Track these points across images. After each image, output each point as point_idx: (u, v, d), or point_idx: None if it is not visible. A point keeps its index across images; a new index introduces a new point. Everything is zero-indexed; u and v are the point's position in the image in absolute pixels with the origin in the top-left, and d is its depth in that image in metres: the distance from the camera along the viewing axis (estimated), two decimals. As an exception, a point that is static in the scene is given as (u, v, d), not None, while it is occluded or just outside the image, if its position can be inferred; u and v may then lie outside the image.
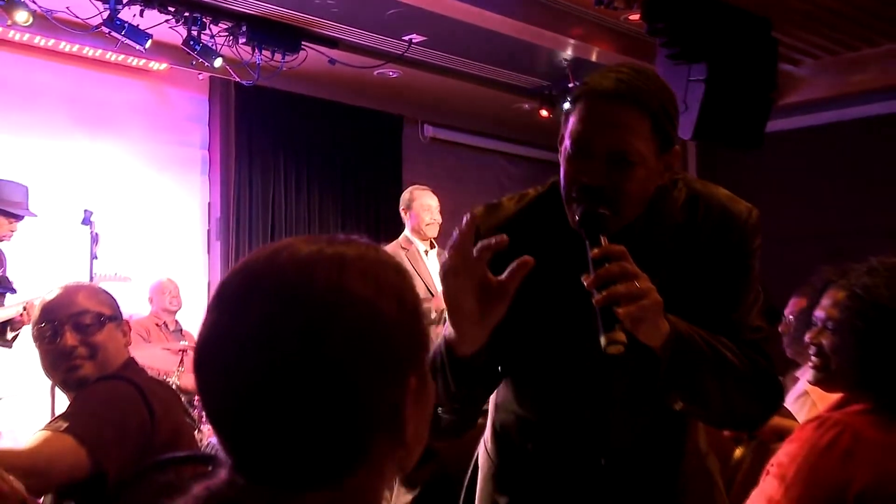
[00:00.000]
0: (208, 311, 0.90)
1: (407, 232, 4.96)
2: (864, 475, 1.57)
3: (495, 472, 1.70)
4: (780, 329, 3.09)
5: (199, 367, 0.89)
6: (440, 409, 1.49)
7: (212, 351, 0.88)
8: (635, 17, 5.17)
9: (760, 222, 1.58)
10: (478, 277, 1.34)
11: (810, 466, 1.61)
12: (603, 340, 1.32)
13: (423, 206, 4.91)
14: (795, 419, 2.55)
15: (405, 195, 5.04)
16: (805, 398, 2.71)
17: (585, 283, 1.36)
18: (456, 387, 1.44)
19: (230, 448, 0.88)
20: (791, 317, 2.98)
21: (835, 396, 1.83)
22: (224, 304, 0.89)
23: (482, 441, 1.77)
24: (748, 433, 2.35)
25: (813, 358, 2.13)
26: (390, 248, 4.75)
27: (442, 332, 1.45)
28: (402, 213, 5.01)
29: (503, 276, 1.34)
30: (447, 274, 1.36)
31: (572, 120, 1.48)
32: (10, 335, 4.34)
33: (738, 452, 2.38)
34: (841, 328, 1.82)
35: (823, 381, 2.16)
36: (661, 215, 1.56)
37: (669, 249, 1.54)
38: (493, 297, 1.35)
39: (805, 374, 2.76)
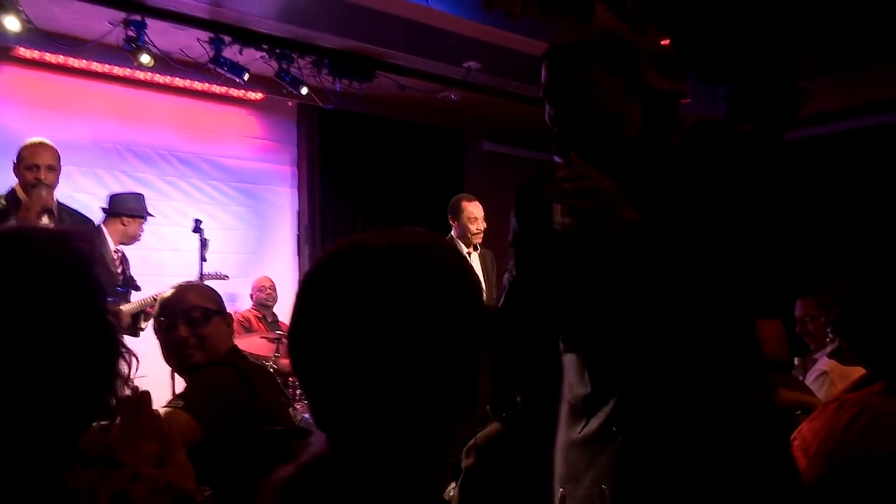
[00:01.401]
0: (296, 299, 0.89)
1: (453, 234, 4.82)
2: (884, 447, 1.51)
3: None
4: (797, 330, 3.01)
5: (293, 349, 0.89)
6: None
7: (302, 333, 0.88)
8: (665, 42, 5.07)
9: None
10: None
11: (832, 443, 1.55)
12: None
13: (469, 218, 4.78)
14: (815, 395, 2.47)
15: (453, 204, 4.89)
16: (824, 377, 2.62)
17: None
18: None
19: (325, 421, 0.87)
20: (807, 318, 2.90)
21: (853, 377, 1.76)
22: (309, 292, 0.89)
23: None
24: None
25: (829, 335, 2.00)
26: None
27: None
28: (450, 220, 4.87)
29: None
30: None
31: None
32: (143, 324, 4.44)
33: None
34: (846, 311, 1.73)
35: (839, 356, 2.02)
36: (658, 135, 1.59)
37: (669, 164, 1.56)
38: None
39: (824, 354, 2.67)
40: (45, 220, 3.83)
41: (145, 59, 4.81)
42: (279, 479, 0.86)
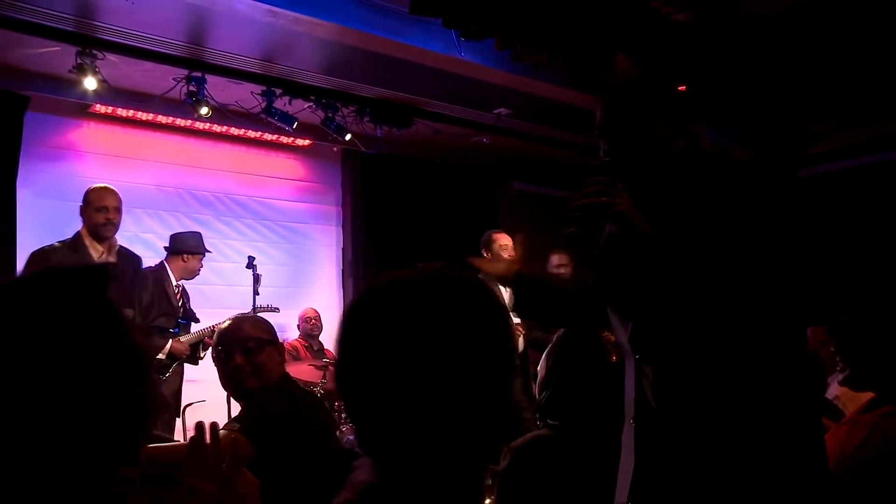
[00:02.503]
0: (340, 329, 0.90)
1: None
2: (894, 463, 1.48)
3: None
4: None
5: (339, 376, 0.89)
6: None
7: (347, 361, 0.88)
8: (682, 88, 5.07)
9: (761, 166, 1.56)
10: None
11: (846, 461, 1.53)
12: None
13: (500, 247, 4.81)
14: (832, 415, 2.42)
15: (484, 237, 4.95)
16: (836, 401, 2.56)
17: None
18: None
19: (370, 445, 0.87)
20: (817, 345, 2.83)
21: (863, 400, 1.73)
22: (352, 322, 0.89)
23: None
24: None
25: (839, 364, 1.97)
26: None
27: None
28: (483, 253, 4.90)
29: None
30: None
31: None
32: (201, 353, 4.50)
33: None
34: (852, 341, 1.72)
35: (849, 382, 2.00)
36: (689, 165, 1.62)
37: (671, 183, 1.60)
38: None
39: (835, 381, 2.62)
40: (110, 257, 3.94)
41: (204, 111, 4.95)
42: None
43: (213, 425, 1.29)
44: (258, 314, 4.47)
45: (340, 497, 0.87)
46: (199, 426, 1.26)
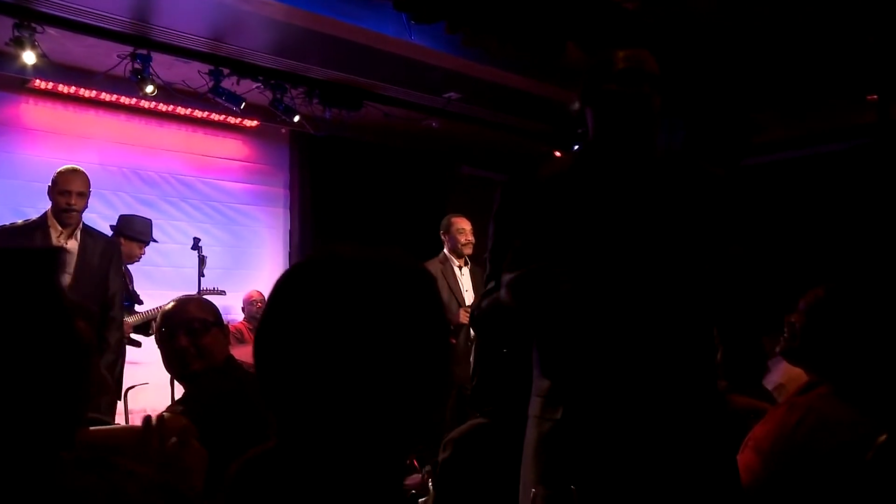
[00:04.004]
0: (268, 300, 0.87)
1: (445, 251, 4.92)
2: (828, 444, 1.53)
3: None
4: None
5: (258, 348, 0.85)
6: None
7: (268, 333, 0.84)
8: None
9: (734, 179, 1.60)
10: None
11: (783, 441, 1.57)
12: None
13: (458, 230, 4.88)
14: (770, 402, 2.47)
15: (443, 221, 5.02)
16: (782, 388, 2.62)
17: None
18: None
19: (280, 415, 0.83)
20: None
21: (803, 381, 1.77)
22: (278, 293, 0.86)
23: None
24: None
25: (785, 334, 1.96)
26: (430, 263, 4.73)
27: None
28: (441, 236, 4.97)
29: None
30: None
31: None
32: (151, 332, 4.38)
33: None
34: (811, 312, 1.74)
35: (789, 353, 1.91)
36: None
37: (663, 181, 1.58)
38: None
39: (777, 365, 2.67)
40: (72, 243, 3.81)
41: (150, 89, 4.80)
42: (229, 472, 0.85)
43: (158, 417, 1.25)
44: (204, 297, 4.38)
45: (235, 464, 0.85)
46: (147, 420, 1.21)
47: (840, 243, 5.84)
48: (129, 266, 4.58)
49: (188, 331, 2.16)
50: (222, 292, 5.09)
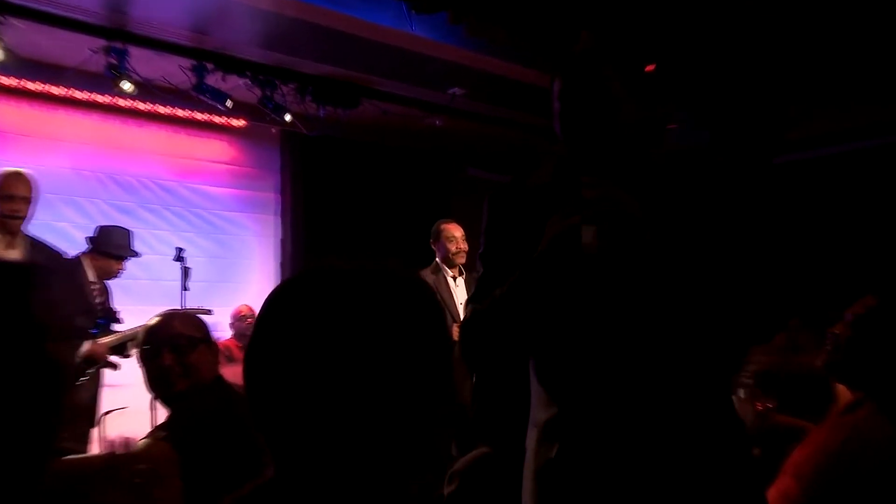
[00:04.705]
0: (258, 316, 0.87)
1: (437, 260, 4.85)
2: (873, 464, 1.52)
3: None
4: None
5: (248, 367, 0.85)
6: None
7: (259, 350, 0.85)
8: (650, 67, 5.12)
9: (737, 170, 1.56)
10: None
11: (826, 465, 1.56)
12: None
13: (448, 238, 4.80)
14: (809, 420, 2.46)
15: (433, 229, 4.91)
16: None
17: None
18: None
19: (273, 441, 0.84)
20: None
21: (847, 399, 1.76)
22: (269, 309, 0.86)
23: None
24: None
25: (828, 346, 1.94)
26: (422, 273, 4.68)
27: None
28: (432, 245, 4.89)
29: None
30: None
31: None
32: (131, 351, 4.37)
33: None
34: (858, 323, 1.73)
35: (831, 368, 1.90)
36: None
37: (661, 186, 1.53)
38: None
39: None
40: (13, 253, 3.79)
41: (127, 86, 4.82)
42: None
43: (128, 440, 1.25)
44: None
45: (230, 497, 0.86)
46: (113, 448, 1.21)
47: (883, 248, 5.83)
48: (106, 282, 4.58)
49: (173, 348, 2.17)
50: (209, 311, 5.08)
